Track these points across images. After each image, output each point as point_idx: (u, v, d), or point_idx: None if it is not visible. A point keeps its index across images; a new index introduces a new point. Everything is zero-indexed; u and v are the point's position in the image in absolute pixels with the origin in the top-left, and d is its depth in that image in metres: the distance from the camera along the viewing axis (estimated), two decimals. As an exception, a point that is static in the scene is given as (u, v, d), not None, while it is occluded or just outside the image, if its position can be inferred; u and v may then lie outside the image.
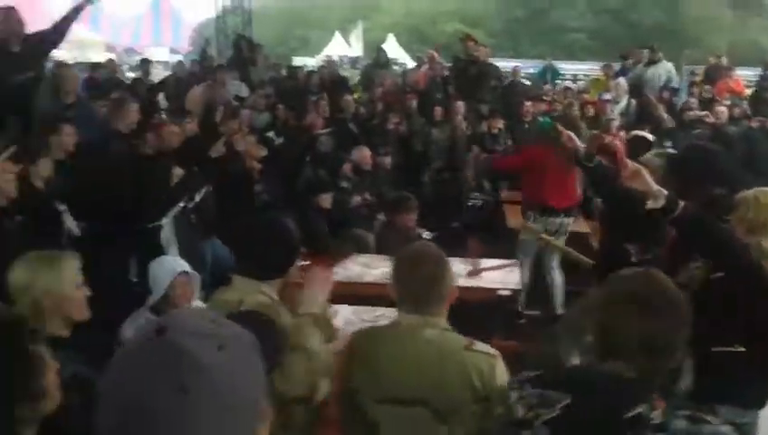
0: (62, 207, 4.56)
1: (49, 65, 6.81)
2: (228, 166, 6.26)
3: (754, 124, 9.23)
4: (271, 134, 8.03)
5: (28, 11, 6.17)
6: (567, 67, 21.08)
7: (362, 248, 5.85)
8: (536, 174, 5.88)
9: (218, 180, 5.68)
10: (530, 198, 6.11)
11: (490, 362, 2.19)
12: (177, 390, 0.83)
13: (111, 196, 4.80)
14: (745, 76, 13.48)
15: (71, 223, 4.55)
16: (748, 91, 11.89)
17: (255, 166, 6.27)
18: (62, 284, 2.56)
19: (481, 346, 2.24)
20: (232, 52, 12.16)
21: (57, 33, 6.23)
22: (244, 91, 9.73)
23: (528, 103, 9.46)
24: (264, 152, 6.66)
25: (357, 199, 6.92)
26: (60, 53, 8.20)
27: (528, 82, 12.81)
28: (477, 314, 2.41)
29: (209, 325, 0.92)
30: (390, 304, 2.57)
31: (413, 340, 2.20)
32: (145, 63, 11.83)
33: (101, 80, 9.44)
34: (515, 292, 5.14)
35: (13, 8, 5.95)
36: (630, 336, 1.69)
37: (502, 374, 2.20)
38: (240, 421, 0.88)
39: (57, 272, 2.56)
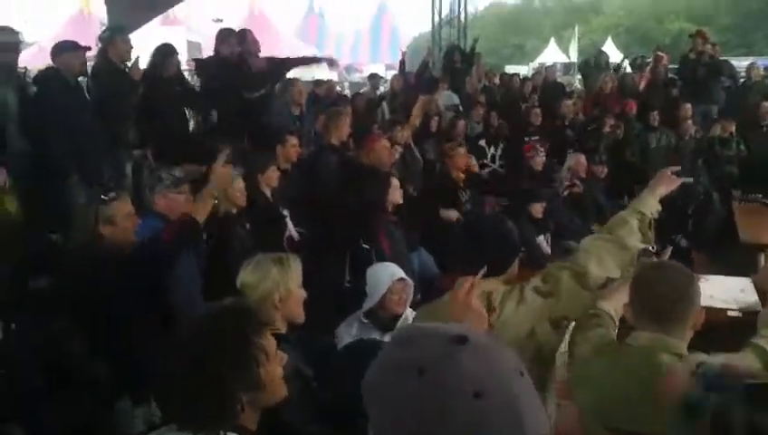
0: (286, 213, 4.87)
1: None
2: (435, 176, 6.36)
3: None
4: (482, 142, 8.02)
5: (259, 32, 6.78)
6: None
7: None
8: None
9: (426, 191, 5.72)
10: None
11: None
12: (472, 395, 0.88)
13: (327, 203, 5.03)
14: None
15: (292, 228, 4.85)
16: None
17: (460, 176, 6.28)
18: (290, 281, 2.71)
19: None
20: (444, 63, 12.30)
21: (288, 67, 6.91)
22: (455, 100, 9.80)
23: (766, 104, 8.57)
24: (474, 162, 6.67)
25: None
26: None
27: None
28: (710, 338, 2.12)
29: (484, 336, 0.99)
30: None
31: (646, 364, 1.95)
32: (374, 78, 12.26)
33: (322, 96, 10.01)
34: (751, 313, 4.59)
35: (249, 30, 6.55)
36: None
37: None
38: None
39: (286, 269, 2.73)
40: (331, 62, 7.25)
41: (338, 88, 12.29)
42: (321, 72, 16.81)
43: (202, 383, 1.55)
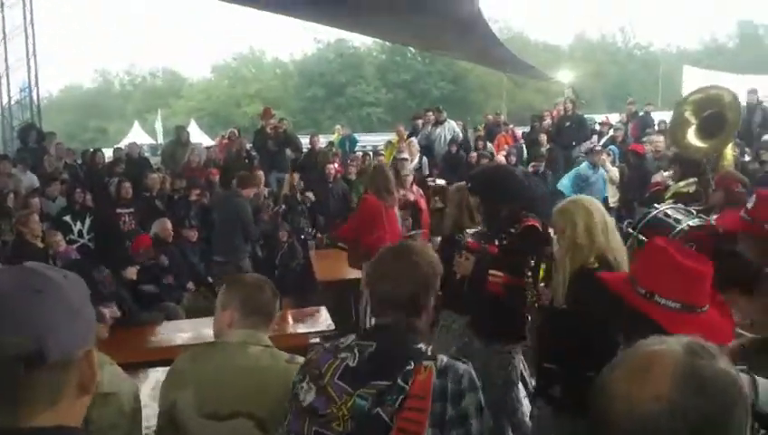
0: None
1: None
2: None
3: (530, 169, 10.37)
4: (67, 218, 7.78)
5: None
6: (366, 139, 21.97)
7: (171, 317, 5.81)
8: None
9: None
10: None
11: None
12: (33, 291, 1.09)
13: None
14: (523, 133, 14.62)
15: None
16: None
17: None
18: None
19: (301, 359, 2.33)
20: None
21: None
22: (34, 181, 9.35)
23: (330, 166, 9.99)
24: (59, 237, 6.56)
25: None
26: None
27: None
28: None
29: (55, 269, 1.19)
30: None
31: (236, 356, 2.30)
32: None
33: None
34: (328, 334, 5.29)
35: None
36: None
37: None
38: (82, 326, 1.14)
39: None
40: None
41: None
42: None
43: None
